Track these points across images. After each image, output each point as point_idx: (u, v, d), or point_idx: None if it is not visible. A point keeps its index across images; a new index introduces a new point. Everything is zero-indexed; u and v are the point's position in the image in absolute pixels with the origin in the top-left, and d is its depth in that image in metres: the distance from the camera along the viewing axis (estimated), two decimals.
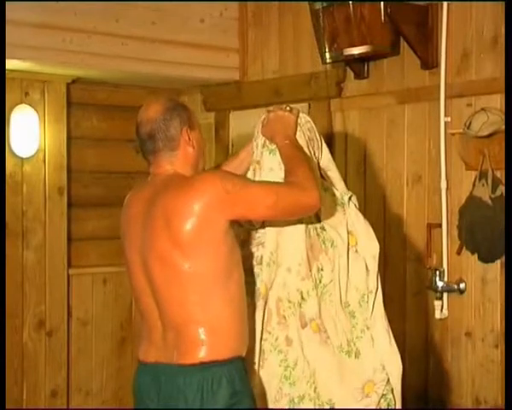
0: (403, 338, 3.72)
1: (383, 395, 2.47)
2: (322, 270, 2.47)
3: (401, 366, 2.53)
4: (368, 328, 2.49)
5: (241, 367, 2.28)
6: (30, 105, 4.29)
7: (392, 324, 3.40)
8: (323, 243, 2.49)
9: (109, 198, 4.76)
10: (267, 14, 4.45)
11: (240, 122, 4.57)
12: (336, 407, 2.45)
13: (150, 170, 2.40)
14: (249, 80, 4.56)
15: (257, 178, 2.50)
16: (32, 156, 4.33)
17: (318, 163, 2.57)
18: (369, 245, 2.55)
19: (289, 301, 2.43)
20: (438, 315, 3.59)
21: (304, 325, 2.43)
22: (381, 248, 3.77)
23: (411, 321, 3.74)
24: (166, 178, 2.33)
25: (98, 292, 4.67)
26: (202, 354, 2.23)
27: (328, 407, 2.43)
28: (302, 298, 2.43)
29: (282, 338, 2.44)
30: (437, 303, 3.58)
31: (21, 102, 4.26)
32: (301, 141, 2.50)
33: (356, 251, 2.52)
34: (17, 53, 3.85)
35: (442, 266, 3.59)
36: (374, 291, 2.51)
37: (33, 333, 4.38)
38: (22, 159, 4.30)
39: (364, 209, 3.88)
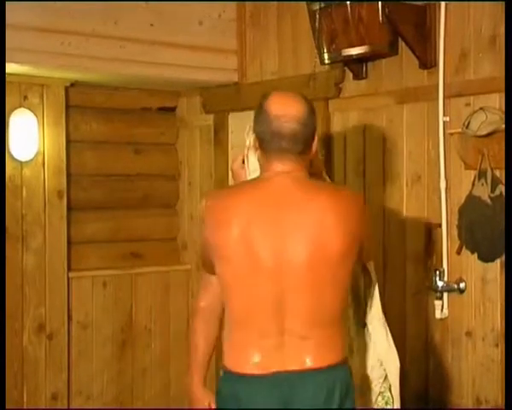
0: (403, 338, 3.72)
1: (380, 392, 2.47)
2: None
3: (398, 363, 2.53)
4: (364, 324, 2.49)
5: None
6: (29, 109, 4.29)
7: (393, 324, 3.40)
8: None
9: (109, 201, 4.77)
10: (265, 16, 4.45)
11: (239, 124, 4.57)
12: None
13: (270, 169, 2.30)
14: (248, 82, 4.56)
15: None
16: (32, 160, 4.33)
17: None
18: None
19: None
20: (438, 315, 3.58)
21: None
22: (380, 248, 3.82)
23: (411, 321, 3.73)
24: (305, 183, 2.30)
25: (98, 295, 4.66)
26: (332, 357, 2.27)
27: None
28: None
29: None
30: (437, 303, 3.57)
31: (20, 106, 4.27)
32: None
33: None
34: (15, 57, 3.85)
35: (442, 265, 3.58)
36: (369, 285, 2.51)
37: (33, 336, 4.38)
38: (21, 162, 4.30)
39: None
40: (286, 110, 2.26)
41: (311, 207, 2.24)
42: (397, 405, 2.54)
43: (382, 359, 2.50)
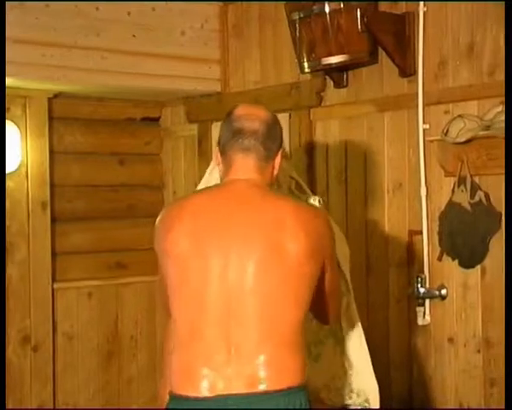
0: (386, 345, 3.74)
1: (346, 405, 2.47)
2: None
3: (371, 369, 2.51)
4: (333, 333, 2.49)
5: None
6: (11, 120, 4.29)
7: (376, 331, 3.43)
8: None
9: (93, 212, 4.77)
10: (247, 26, 4.47)
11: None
12: None
13: (230, 174, 2.19)
14: (231, 91, 4.58)
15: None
16: (15, 171, 4.32)
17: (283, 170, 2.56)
18: (340, 246, 2.54)
19: None
20: (420, 321, 3.59)
21: None
22: (363, 256, 3.84)
23: (394, 328, 3.75)
24: (264, 189, 2.17)
25: (83, 306, 4.66)
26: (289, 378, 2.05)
27: None
28: None
29: None
30: (419, 309, 3.58)
31: None
32: None
33: None
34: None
35: (423, 272, 3.60)
36: (346, 293, 2.51)
37: (18, 348, 4.37)
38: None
39: (346, 217, 3.93)
40: (249, 110, 2.24)
41: (268, 209, 2.11)
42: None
43: (354, 363, 2.48)
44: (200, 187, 2.53)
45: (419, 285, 3.57)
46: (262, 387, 2.01)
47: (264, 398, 2.01)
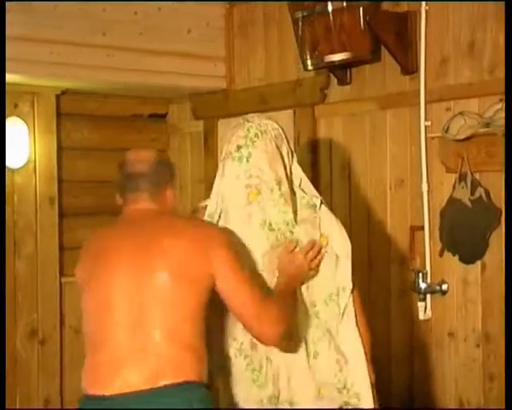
0: (388, 340, 3.78)
1: (345, 401, 2.49)
2: None
3: (365, 367, 2.54)
4: (329, 330, 2.52)
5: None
6: (19, 117, 4.35)
7: (377, 325, 3.47)
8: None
9: (100, 207, 4.80)
10: (252, 25, 4.52)
11: (228, 130, 4.62)
12: (296, 407, 2.49)
13: (127, 207, 2.47)
14: (236, 88, 4.63)
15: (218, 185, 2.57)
16: (23, 167, 4.38)
17: (290, 168, 2.61)
18: (342, 244, 2.58)
19: None
20: (421, 316, 3.64)
21: None
22: (365, 251, 3.88)
23: (396, 322, 3.79)
24: (158, 212, 2.42)
25: None
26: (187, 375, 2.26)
27: (289, 407, 2.48)
28: None
29: (246, 343, 2.49)
30: (420, 304, 3.63)
31: (11, 115, 4.32)
32: (269, 147, 2.55)
33: (326, 252, 2.55)
34: (6, 66, 3.92)
35: (425, 267, 3.64)
36: (347, 289, 2.54)
37: (26, 342, 4.42)
38: (13, 170, 4.35)
39: (349, 213, 3.97)
40: (138, 156, 2.49)
41: (164, 228, 2.37)
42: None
43: (348, 360, 2.50)
44: (213, 190, 2.60)
45: (420, 280, 3.62)
46: (162, 383, 2.23)
47: (164, 392, 2.22)
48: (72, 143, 4.72)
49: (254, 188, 2.51)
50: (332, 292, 2.54)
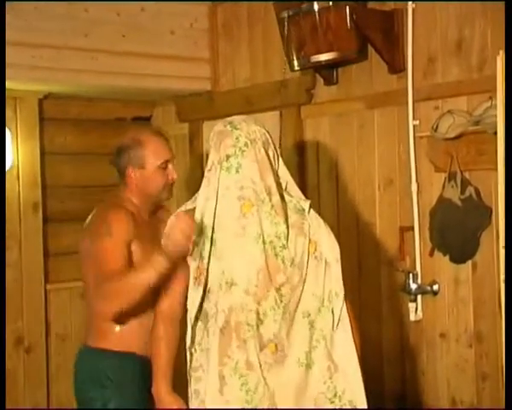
0: (379, 341, 3.75)
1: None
2: (280, 290, 2.42)
3: (359, 373, 2.49)
4: (324, 338, 2.47)
5: None
6: None
7: (368, 327, 3.43)
8: (282, 262, 2.43)
9: (85, 212, 4.66)
10: (237, 25, 4.48)
11: (211, 132, 4.58)
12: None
13: None
14: (221, 90, 4.58)
15: (213, 198, 2.48)
16: (6, 173, 4.32)
17: (277, 172, 2.55)
18: (331, 249, 2.52)
19: (248, 324, 2.39)
20: (412, 317, 3.61)
21: (262, 348, 2.40)
22: (354, 253, 3.85)
23: (387, 324, 3.76)
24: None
25: (76, 307, 4.64)
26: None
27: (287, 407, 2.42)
28: (259, 319, 2.40)
29: (242, 362, 2.40)
30: (411, 305, 3.60)
31: None
32: (259, 156, 2.48)
33: (315, 257, 2.50)
34: None
35: (415, 268, 3.61)
36: (340, 294, 2.49)
37: (11, 350, 4.36)
38: None
39: (338, 215, 3.94)
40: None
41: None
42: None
43: (342, 365, 2.45)
44: (199, 200, 2.54)
45: (411, 281, 3.59)
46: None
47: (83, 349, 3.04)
48: (55, 148, 4.66)
49: (247, 200, 2.43)
50: (324, 298, 2.48)
